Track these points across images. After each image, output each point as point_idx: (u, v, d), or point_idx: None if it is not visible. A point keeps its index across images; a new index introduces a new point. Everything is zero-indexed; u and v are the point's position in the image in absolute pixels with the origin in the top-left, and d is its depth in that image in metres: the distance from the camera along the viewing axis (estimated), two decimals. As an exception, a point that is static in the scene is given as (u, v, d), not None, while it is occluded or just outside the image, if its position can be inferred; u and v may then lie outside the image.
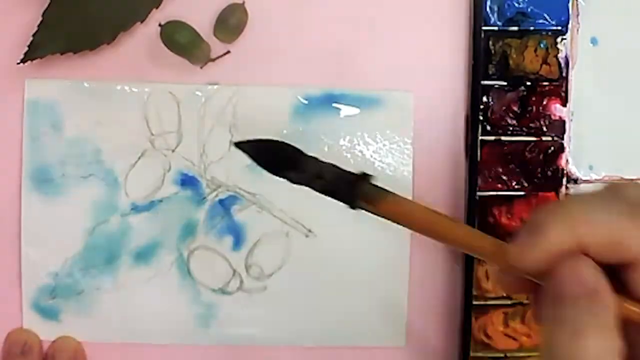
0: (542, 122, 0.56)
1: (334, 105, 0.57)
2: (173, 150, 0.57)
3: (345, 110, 0.57)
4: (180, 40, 0.55)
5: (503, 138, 0.56)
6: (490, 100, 0.56)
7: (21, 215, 0.57)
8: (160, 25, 0.55)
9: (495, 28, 0.56)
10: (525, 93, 0.56)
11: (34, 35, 0.54)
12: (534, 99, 0.56)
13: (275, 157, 0.44)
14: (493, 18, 0.56)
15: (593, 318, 0.33)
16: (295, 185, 0.48)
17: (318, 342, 0.58)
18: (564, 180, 0.56)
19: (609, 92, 0.57)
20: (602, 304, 0.33)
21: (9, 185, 0.57)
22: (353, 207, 0.41)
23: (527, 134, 0.56)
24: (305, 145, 0.56)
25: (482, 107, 0.56)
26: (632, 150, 0.57)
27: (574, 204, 0.36)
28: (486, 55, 0.56)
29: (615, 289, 0.33)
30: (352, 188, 0.41)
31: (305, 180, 0.42)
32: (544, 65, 0.56)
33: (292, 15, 0.57)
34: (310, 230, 0.57)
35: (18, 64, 0.54)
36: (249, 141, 0.43)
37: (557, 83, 0.56)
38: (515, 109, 0.56)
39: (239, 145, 0.43)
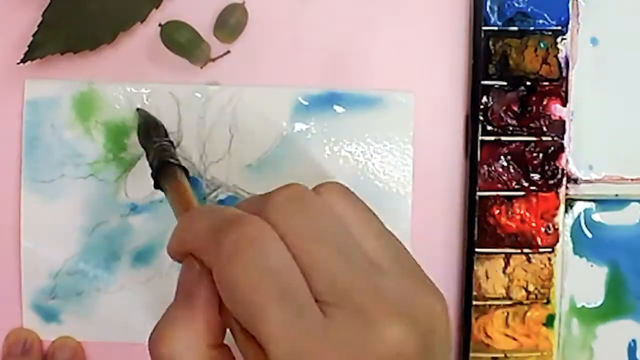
0: (542, 122, 0.56)
1: (334, 105, 0.57)
2: (173, 151, 0.57)
3: (346, 110, 0.57)
4: (180, 40, 0.55)
5: (503, 138, 0.56)
6: (490, 100, 0.56)
7: (20, 216, 0.57)
8: (160, 25, 0.55)
9: (495, 28, 0.56)
10: (525, 93, 0.56)
11: (34, 35, 0.54)
12: (534, 99, 0.56)
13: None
14: (493, 18, 0.56)
15: (185, 312, 0.38)
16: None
17: (318, 342, 0.58)
18: (564, 180, 0.56)
19: (609, 92, 0.57)
20: (196, 300, 0.38)
21: (9, 185, 0.57)
22: (156, 187, 0.49)
23: (527, 134, 0.56)
24: (305, 145, 0.57)
25: (482, 107, 0.56)
26: (632, 150, 0.57)
27: (190, 216, 0.42)
28: (486, 55, 0.56)
29: None
30: (158, 170, 0.49)
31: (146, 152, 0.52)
32: (544, 65, 0.56)
33: (292, 15, 0.57)
34: (310, 231, 0.57)
35: (18, 64, 0.54)
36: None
37: (557, 83, 0.56)
38: (515, 109, 0.56)
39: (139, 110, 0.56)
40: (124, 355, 0.58)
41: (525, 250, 0.57)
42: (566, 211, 0.57)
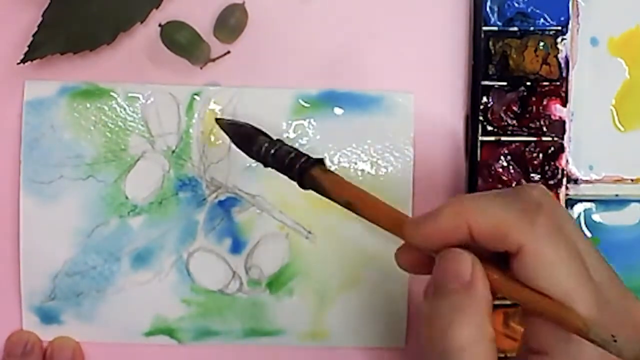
0: (542, 122, 0.56)
1: (334, 106, 0.57)
2: (173, 152, 0.57)
3: (346, 111, 0.57)
4: (180, 41, 0.55)
5: (503, 138, 0.56)
6: (490, 100, 0.56)
7: (19, 217, 0.57)
8: (160, 25, 0.55)
9: (495, 28, 0.56)
10: (525, 93, 0.56)
11: (34, 35, 0.54)
12: (534, 99, 0.56)
13: (241, 136, 0.48)
14: (493, 18, 0.56)
15: (465, 308, 0.38)
16: (294, 187, 0.48)
17: (318, 342, 0.58)
18: (564, 180, 0.56)
19: (609, 92, 0.57)
20: (475, 295, 0.38)
21: (8, 186, 0.57)
22: (302, 187, 0.45)
23: (527, 134, 0.56)
24: (305, 146, 0.57)
25: (482, 107, 0.56)
26: (632, 150, 0.57)
27: (471, 196, 0.41)
28: (486, 55, 0.56)
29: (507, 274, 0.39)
30: (302, 169, 0.45)
31: (260, 157, 0.47)
32: (544, 66, 0.56)
33: (292, 16, 0.57)
34: (310, 232, 0.57)
35: (18, 64, 0.54)
36: (228, 121, 0.50)
37: (557, 83, 0.56)
38: (515, 109, 0.56)
39: (218, 120, 0.50)
40: (124, 355, 0.58)
41: (526, 251, 0.57)
42: (566, 211, 0.57)
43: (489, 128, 0.56)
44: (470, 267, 0.38)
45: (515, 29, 0.56)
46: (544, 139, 0.56)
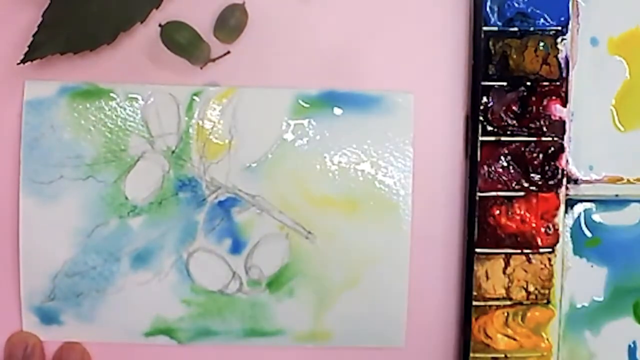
0: (542, 122, 0.56)
1: (334, 106, 0.57)
2: (173, 152, 0.57)
3: (345, 111, 0.57)
4: (180, 41, 0.55)
5: (503, 138, 0.56)
6: (490, 100, 0.56)
7: (19, 218, 0.57)
8: (160, 25, 0.55)
9: (495, 28, 0.56)
10: (525, 93, 0.56)
11: (34, 35, 0.54)
12: (534, 99, 0.56)
13: None
14: (493, 18, 0.56)
15: None
16: (294, 187, 0.48)
17: (317, 343, 0.58)
18: (564, 180, 0.56)
19: (609, 92, 0.57)
20: None
21: (7, 186, 0.57)
22: None
23: (527, 134, 0.56)
24: (305, 146, 0.57)
25: (482, 107, 0.56)
26: (632, 150, 0.57)
27: None
28: (486, 56, 0.56)
29: None
30: None
31: None
32: (544, 66, 0.56)
33: (292, 16, 0.57)
34: (310, 232, 0.57)
35: (18, 64, 0.54)
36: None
37: (557, 83, 0.56)
38: (515, 109, 0.56)
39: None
40: (124, 355, 0.58)
41: (526, 251, 0.57)
42: (566, 211, 0.57)
43: (489, 128, 0.56)
44: None
45: (515, 29, 0.56)
46: (544, 139, 0.56)
